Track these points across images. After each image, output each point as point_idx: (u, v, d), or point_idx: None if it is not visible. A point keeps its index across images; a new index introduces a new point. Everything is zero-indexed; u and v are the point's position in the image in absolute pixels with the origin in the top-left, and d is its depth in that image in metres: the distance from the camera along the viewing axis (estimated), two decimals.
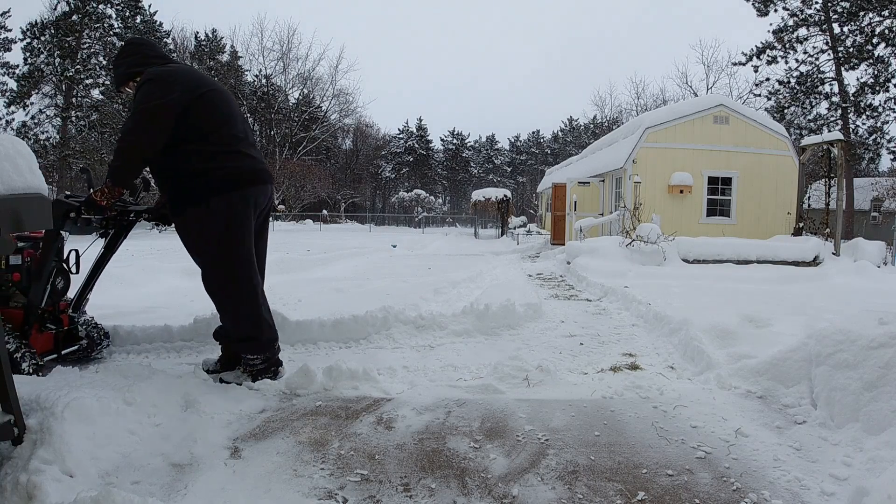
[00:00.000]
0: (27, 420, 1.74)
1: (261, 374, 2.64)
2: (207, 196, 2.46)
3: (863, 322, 2.15)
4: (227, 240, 2.50)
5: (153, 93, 2.40)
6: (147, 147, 2.39)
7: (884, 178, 29.37)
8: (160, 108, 2.39)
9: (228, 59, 38.97)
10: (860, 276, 7.12)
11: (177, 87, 2.46)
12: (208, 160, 2.48)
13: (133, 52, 2.65)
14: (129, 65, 2.62)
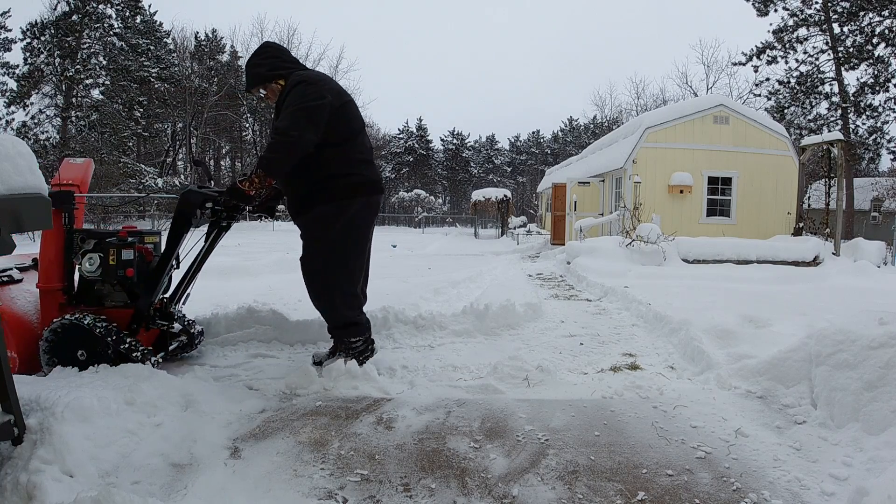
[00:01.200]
0: (27, 420, 1.74)
1: (361, 354, 2.82)
2: (340, 198, 2.65)
3: (863, 322, 2.15)
4: (341, 239, 2.68)
5: (310, 94, 2.55)
6: (306, 144, 2.52)
7: (884, 178, 29.38)
8: (318, 108, 2.54)
9: (228, 59, 38.95)
10: (860, 276, 7.12)
11: (327, 92, 2.61)
12: (347, 166, 2.67)
13: (274, 55, 2.77)
14: (271, 67, 2.72)
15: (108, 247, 2.69)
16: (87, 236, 2.75)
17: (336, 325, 2.82)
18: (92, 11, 29.46)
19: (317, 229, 2.70)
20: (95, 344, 2.55)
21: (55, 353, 2.55)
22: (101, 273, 2.68)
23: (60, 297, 2.74)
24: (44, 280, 2.71)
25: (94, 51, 30.14)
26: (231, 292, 5.22)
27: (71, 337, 2.55)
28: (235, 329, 3.47)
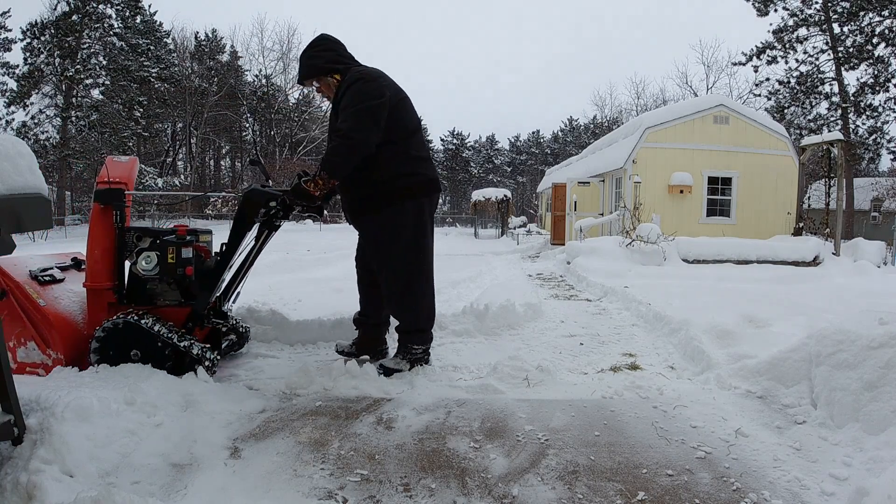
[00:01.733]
0: (27, 420, 1.74)
1: (419, 361, 2.82)
2: (404, 198, 2.65)
3: (863, 322, 2.15)
4: (415, 240, 2.70)
5: (370, 92, 2.52)
6: (369, 145, 2.52)
7: (884, 178, 29.39)
8: (379, 107, 2.52)
9: (228, 59, 38.97)
10: (860, 276, 7.12)
11: (386, 89, 2.59)
12: (407, 164, 2.66)
13: (331, 48, 2.72)
14: (329, 60, 2.68)
15: (167, 245, 2.66)
16: (144, 234, 2.72)
17: (410, 328, 2.81)
18: (92, 11, 29.47)
19: (388, 232, 2.69)
20: (153, 343, 2.52)
21: (106, 354, 2.51)
22: (159, 271, 2.65)
23: (110, 296, 2.69)
24: (91, 279, 2.66)
25: (94, 51, 30.16)
26: None
27: (126, 336, 2.52)
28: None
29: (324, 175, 2.52)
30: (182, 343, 2.54)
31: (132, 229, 2.73)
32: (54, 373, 2.47)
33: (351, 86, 2.56)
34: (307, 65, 2.73)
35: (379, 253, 2.76)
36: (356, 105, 2.50)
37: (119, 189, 2.68)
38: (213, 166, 44.43)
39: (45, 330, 2.55)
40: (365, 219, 2.73)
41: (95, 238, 2.67)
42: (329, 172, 2.52)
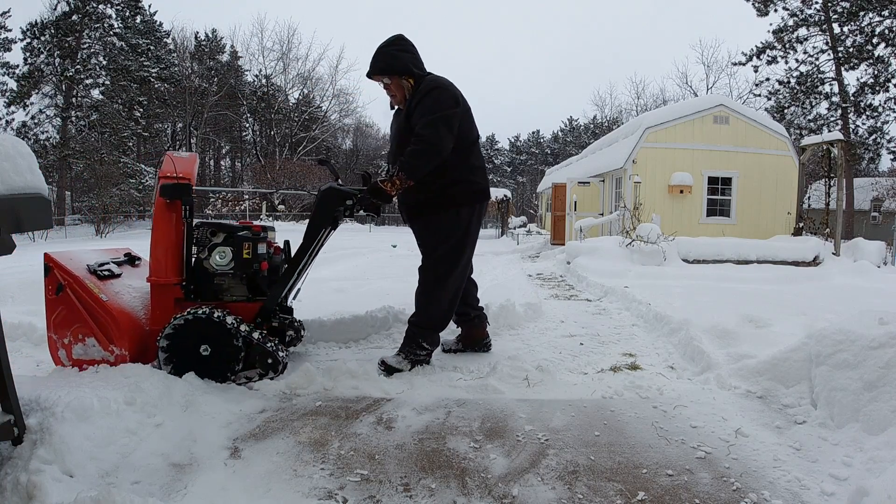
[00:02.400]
0: (27, 420, 1.74)
1: (420, 362, 2.86)
2: (459, 204, 2.78)
3: (863, 322, 2.15)
4: (460, 245, 2.82)
5: (447, 101, 2.67)
6: (447, 150, 2.65)
7: (884, 178, 29.38)
8: (455, 116, 2.67)
9: (228, 59, 38.97)
10: (860, 277, 7.12)
11: (459, 99, 2.73)
12: (467, 172, 2.80)
13: (411, 51, 2.79)
14: (409, 61, 2.75)
15: (242, 241, 2.69)
16: (218, 229, 2.73)
17: (425, 324, 2.87)
18: (92, 11, 29.49)
19: (440, 234, 2.81)
20: (227, 339, 2.53)
21: (176, 349, 2.52)
22: (234, 267, 2.68)
23: (177, 291, 2.68)
24: (157, 274, 2.64)
25: (94, 51, 30.18)
26: None
27: (198, 332, 2.52)
28: None
29: (401, 176, 2.63)
30: (257, 339, 2.57)
31: (205, 224, 2.75)
32: (54, 372, 2.47)
33: (429, 93, 2.66)
34: (387, 60, 2.74)
35: (426, 249, 2.89)
36: (435, 113, 2.62)
37: (187, 184, 2.67)
38: (213, 166, 44.43)
39: (109, 325, 2.52)
40: (422, 220, 2.85)
41: (161, 233, 2.65)
42: (407, 174, 2.63)
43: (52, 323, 2.54)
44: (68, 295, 2.51)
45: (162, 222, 2.66)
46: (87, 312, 2.51)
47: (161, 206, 2.66)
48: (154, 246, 2.65)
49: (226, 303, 2.71)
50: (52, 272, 2.52)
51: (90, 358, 2.54)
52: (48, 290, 2.53)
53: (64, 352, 2.56)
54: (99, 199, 22.96)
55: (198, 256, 2.73)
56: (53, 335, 2.55)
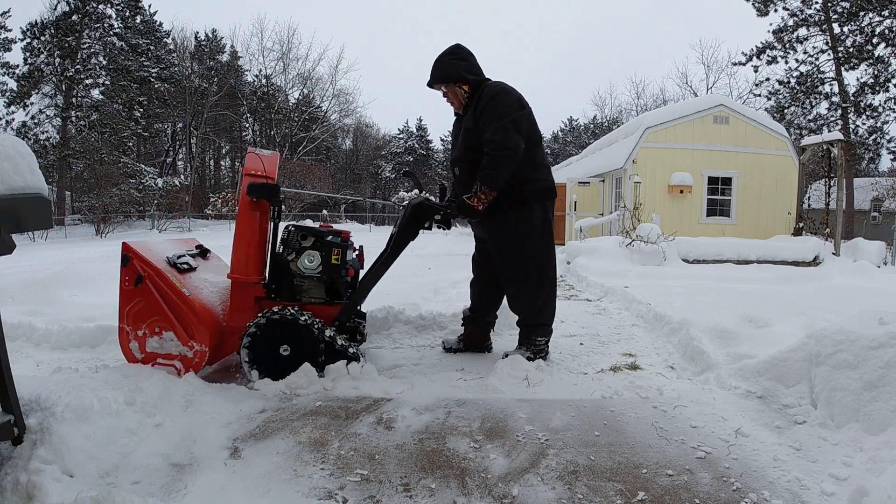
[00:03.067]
0: (27, 420, 1.74)
1: (541, 353, 3.00)
2: (531, 202, 2.85)
3: (863, 322, 2.15)
4: (542, 241, 2.90)
5: (512, 104, 2.75)
6: (520, 152, 2.72)
7: (884, 178, 29.37)
8: (522, 118, 2.76)
9: (228, 59, 38.97)
10: (860, 277, 7.12)
11: (523, 101, 2.83)
12: (535, 171, 2.86)
13: (465, 58, 2.88)
14: (463, 69, 2.85)
15: (332, 246, 2.74)
16: (308, 234, 2.78)
17: (534, 322, 2.97)
18: (92, 11, 29.49)
19: (518, 233, 2.87)
20: (309, 340, 2.56)
21: (259, 347, 2.54)
22: (322, 271, 2.72)
23: (258, 290, 2.70)
24: (239, 271, 2.63)
25: (94, 51, 30.19)
26: None
27: (281, 331, 2.54)
28: None
29: (485, 189, 2.71)
30: (339, 341, 2.63)
31: (297, 227, 2.80)
32: (54, 372, 2.47)
33: (494, 98, 2.74)
34: (442, 70, 2.87)
35: (508, 252, 2.91)
36: (504, 118, 2.69)
37: (276, 185, 2.67)
38: (213, 166, 44.43)
39: (191, 320, 2.50)
40: (495, 220, 2.89)
41: (245, 231, 2.64)
42: (490, 185, 2.71)
43: (127, 314, 2.51)
44: (148, 287, 2.48)
45: (247, 220, 2.64)
46: (167, 306, 2.49)
47: (247, 204, 2.65)
48: (237, 243, 2.64)
49: (306, 304, 2.73)
50: (130, 262, 2.48)
51: (166, 352, 2.52)
52: (125, 280, 2.49)
53: (136, 344, 2.54)
54: (99, 199, 22.96)
55: (284, 257, 2.75)
56: (126, 327, 2.52)
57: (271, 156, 2.87)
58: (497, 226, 2.90)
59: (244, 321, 2.60)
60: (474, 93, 2.85)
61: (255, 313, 2.63)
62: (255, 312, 2.64)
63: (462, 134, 2.90)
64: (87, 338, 3.34)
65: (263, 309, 2.61)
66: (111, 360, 2.93)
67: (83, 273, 5.25)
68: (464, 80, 2.83)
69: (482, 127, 2.73)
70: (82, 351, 3.26)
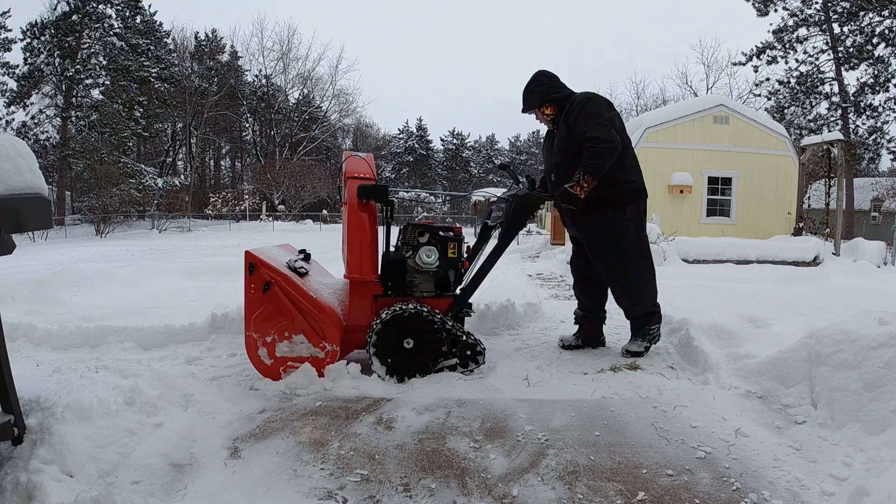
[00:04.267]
0: (27, 420, 1.74)
1: (656, 338, 3.21)
2: (625, 202, 3.01)
3: (863, 322, 2.15)
4: (638, 238, 3.08)
5: (603, 106, 2.93)
6: (619, 145, 2.88)
7: (884, 178, 29.37)
8: (615, 117, 2.94)
9: (228, 59, 38.97)
10: (860, 277, 7.11)
11: (611, 104, 3.01)
12: (626, 173, 3.02)
13: (544, 83, 3.11)
14: (543, 94, 3.07)
15: (448, 241, 2.83)
16: (424, 230, 2.86)
17: (641, 312, 3.16)
18: (92, 11, 29.48)
19: (614, 232, 3.01)
20: (432, 333, 2.66)
21: (384, 343, 2.61)
22: (439, 265, 2.81)
23: (376, 287, 2.78)
24: (356, 271, 2.72)
25: (94, 51, 30.18)
26: (231, 292, 5.22)
27: (405, 326, 2.62)
28: (236, 329, 3.47)
29: (587, 178, 2.84)
30: (461, 333, 2.73)
31: (412, 225, 2.90)
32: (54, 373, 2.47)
33: (585, 104, 2.92)
34: (528, 99, 3.14)
35: (605, 252, 3.08)
36: (599, 117, 2.87)
37: (386, 186, 2.77)
38: (213, 166, 44.43)
39: (321, 322, 2.58)
40: (592, 219, 3.03)
41: (358, 231, 2.72)
42: (592, 174, 2.84)
43: (254, 321, 2.57)
44: (276, 293, 2.54)
45: (358, 221, 2.73)
46: (297, 309, 2.55)
47: (357, 205, 2.73)
48: (351, 244, 2.73)
49: (419, 298, 2.81)
50: (257, 270, 2.54)
51: (296, 355, 2.59)
52: (251, 288, 2.55)
53: (265, 350, 2.59)
54: (99, 199, 22.96)
55: (401, 254, 2.85)
56: (254, 334, 2.57)
57: (367, 157, 2.96)
58: (592, 227, 3.07)
59: (365, 319, 2.73)
60: (561, 108, 3.05)
61: (374, 311, 2.75)
62: (374, 310, 2.75)
63: (557, 143, 3.08)
64: (87, 338, 3.35)
65: (380, 306, 2.73)
66: (111, 360, 2.93)
67: (83, 273, 5.24)
68: (545, 103, 3.07)
69: (577, 131, 2.90)
70: (82, 351, 3.26)
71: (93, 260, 9.15)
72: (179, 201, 28.17)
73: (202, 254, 10.24)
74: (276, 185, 32.44)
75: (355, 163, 2.87)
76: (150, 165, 31.16)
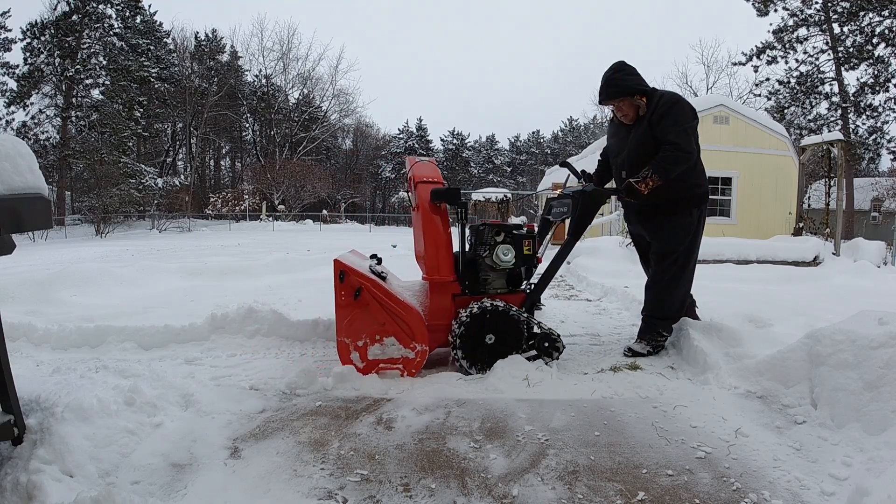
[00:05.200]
0: (27, 420, 1.74)
1: (659, 347, 3.21)
2: (692, 207, 3.10)
3: (862, 322, 2.15)
4: (694, 242, 3.16)
5: (690, 113, 3.01)
6: (695, 155, 3.02)
7: (884, 178, 29.38)
8: (696, 126, 3.05)
9: (228, 59, 38.96)
10: (860, 277, 7.11)
11: (695, 112, 3.08)
12: (699, 177, 3.14)
13: (637, 73, 3.10)
14: (638, 82, 3.05)
15: (522, 238, 2.94)
16: (500, 229, 2.95)
17: (663, 315, 3.16)
18: (92, 11, 29.48)
19: (678, 232, 3.10)
20: (514, 328, 2.76)
21: (469, 340, 2.72)
22: (516, 262, 2.91)
23: (455, 287, 2.88)
24: (435, 273, 2.82)
25: (94, 51, 30.17)
26: (231, 292, 5.22)
27: (487, 323, 2.73)
28: (235, 329, 3.47)
29: (654, 177, 2.90)
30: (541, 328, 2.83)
31: (488, 225, 2.99)
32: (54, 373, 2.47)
33: (673, 105, 2.96)
34: (619, 86, 3.03)
35: (667, 251, 3.14)
36: (684, 124, 2.94)
37: (458, 189, 2.89)
38: (213, 166, 44.43)
39: (411, 323, 2.67)
40: (661, 218, 3.13)
41: (434, 234, 2.84)
42: (662, 176, 2.91)
43: (345, 327, 2.66)
44: (366, 298, 2.64)
45: (433, 224, 2.84)
46: (386, 313, 2.66)
47: (430, 209, 2.85)
48: (428, 246, 2.84)
49: (498, 295, 2.92)
50: (347, 277, 2.64)
51: (388, 357, 2.69)
52: (342, 295, 2.65)
53: (357, 354, 2.68)
54: (99, 199, 22.96)
55: (477, 253, 2.96)
56: (346, 339, 2.67)
57: (431, 162, 3.09)
58: (661, 223, 3.13)
59: (445, 318, 2.83)
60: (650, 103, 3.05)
61: (453, 309, 2.85)
62: (453, 308, 2.85)
63: (634, 139, 3.09)
64: (87, 338, 3.35)
65: (457, 305, 2.85)
66: (111, 360, 2.93)
67: (83, 273, 5.24)
68: (642, 91, 3.03)
69: (660, 130, 2.94)
70: (82, 351, 3.26)
71: (93, 260, 9.15)
72: (179, 201, 28.16)
73: (202, 254, 10.24)
74: (276, 185, 32.43)
75: (423, 168, 2.99)
76: (150, 165, 31.14)
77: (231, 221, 29.26)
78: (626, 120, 3.13)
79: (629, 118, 3.10)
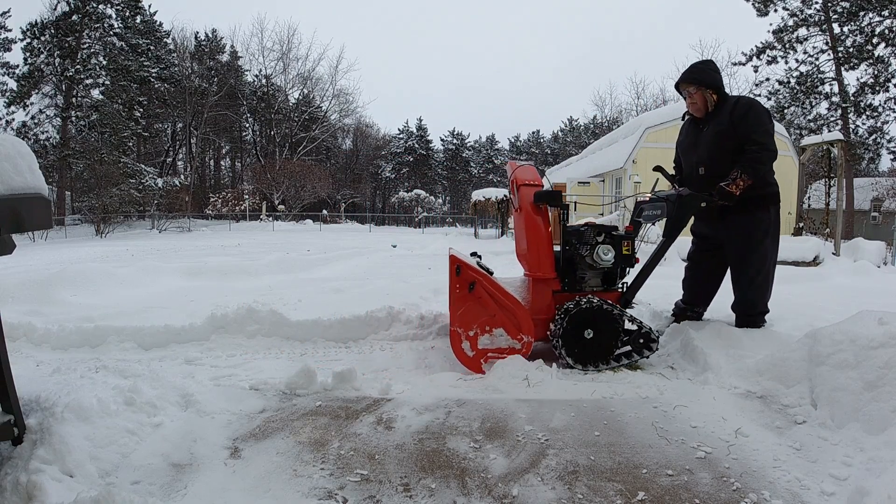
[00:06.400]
0: (27, 420, 1.74)
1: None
2: (769, 205, 3.20)
3: (862, 322, 2.15)
4: (774, 238, 3.23)
5: (768, 116, 3.12)
6: (776, 156, 3.08)
7: (884, 178, 29.39)
8: (774, 129, 3.14)
9: (228, 59, 38.96)
10: (860, 277, 7.11)
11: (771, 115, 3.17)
12: (772, 177, 3.23)
13: (720, 73, 3.26)
14: (720, 80, 3.22)
15: (621, 239, 3.10)
16: (601, 230, 3.08)
17: (756, 311, 3.28)
18: (92, 11, 29.47)
19: (759, 229, 3.18)
20: (612, 324, 2.88)
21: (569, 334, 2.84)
22: (615, 262, 3.04)
23: (556, 284, 3.04)
24: (538, 270, 2.99)
25: (94, 51, 30.16)
26: (231, 292, 5.22)
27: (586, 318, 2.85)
28: (235, 329, 3.47)
29: (744, 178, 3.01)
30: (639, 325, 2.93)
31: (590, 226, 3.10)
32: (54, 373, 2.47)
33: (752, 108, 3.09)
34: (701, 74, 3.21)
35: (749, 249, 3.23)
36: (766, 125, 3.07)
37: (559, 192, 3.01)
38: (213, 166, 44.44)
39: (519, 316, 2.83)
40: (739, 217, 3.20)
41: (536, 234, 3.00)
42: (751, 175, 3.02)
43: (458, 318, 2.82)
44: (480, 291, 2.80)
45: (535, 224, 3.00)
46: (497, 306, 2.81)
47: (533, 210, 3.01)
48: (531, 245, 3.01)
49: (595, 292, 3.05)
50: (463, 271, 2.80)
51: (496, 346, 2.84)
52: (457, 288, 2.82)
53: (468, 343, 2.83)
54: (99, 199, 22.95)
55: (577, 252, 3.07)
56: (458, 329, 2.83)
57: (530, 165, 3.30)
58: (740, 221, 3.20)
59: (545, 312, 2.98)
60: (720, 102, 3.19)
61: (553, 305, 2.99)
62: (553, 304, 3.00)
63: (711, 137, 3.18)
64: (87, 338, 3.35)
65: (557, 300, 2.99)
66: (111, 360, 2.93)
67: (83, 273, 5.24)
68: (717, 88, 3.16)
69: (743, 131, 3.05)
70: (82, 351, 3.26)
71: (93, 260, 9.14)
72: (179, 201, 28.15)
73: (202, 254, 10.23)
74: (276, 185, 32.44)
75: (525, 171, 3.13)
76: (150, 165, 31.13)
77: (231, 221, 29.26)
78: (693, 109, 3.26)
79: (697, 108, 3.24)
